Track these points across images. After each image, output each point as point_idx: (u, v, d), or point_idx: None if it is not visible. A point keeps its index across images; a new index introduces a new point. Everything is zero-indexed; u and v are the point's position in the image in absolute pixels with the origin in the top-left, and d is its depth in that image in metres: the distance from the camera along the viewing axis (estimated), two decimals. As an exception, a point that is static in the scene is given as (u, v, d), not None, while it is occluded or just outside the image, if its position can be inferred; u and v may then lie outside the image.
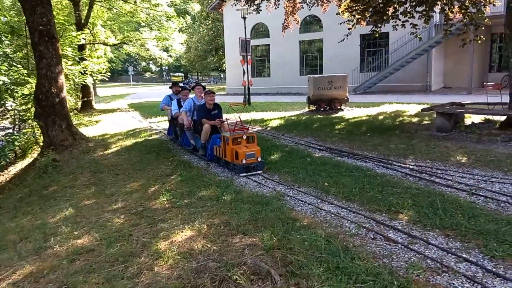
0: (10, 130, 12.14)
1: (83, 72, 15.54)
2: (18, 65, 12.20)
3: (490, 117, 9.13)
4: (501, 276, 2.95)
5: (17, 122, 12.72)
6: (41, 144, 10.92)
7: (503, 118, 8.56)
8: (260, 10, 12.91)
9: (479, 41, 10.93)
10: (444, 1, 10.22)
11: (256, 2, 12.74)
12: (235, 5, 16.02)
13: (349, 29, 11.23)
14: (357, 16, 11.21)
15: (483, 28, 11.19)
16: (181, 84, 11.57)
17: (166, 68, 66.15)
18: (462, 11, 10.35)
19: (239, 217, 4.39)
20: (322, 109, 14.16)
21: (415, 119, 11.12)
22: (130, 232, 4.28)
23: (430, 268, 3.12)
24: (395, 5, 10.36)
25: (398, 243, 3.60)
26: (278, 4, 13.33)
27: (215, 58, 42.47)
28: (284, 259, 3.35)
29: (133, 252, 3.76)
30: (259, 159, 6.33)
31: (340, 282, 2.91)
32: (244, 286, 3.01)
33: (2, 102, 11.67)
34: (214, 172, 6.72)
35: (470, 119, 9.55)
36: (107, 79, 20.23)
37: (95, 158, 8.98)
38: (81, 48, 18.27)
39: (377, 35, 11.44)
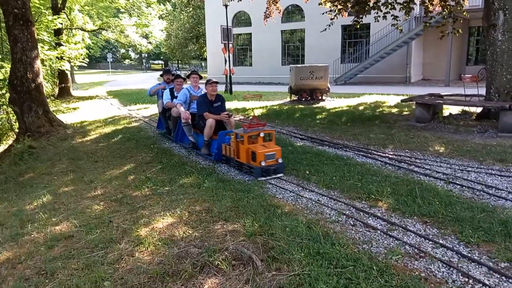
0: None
1: (60, 58, 15.15)
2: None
3: (467, 108, 9.35)
4: (476, 261, 3.04)
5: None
6: (17, 130, 10.63)
7: (479, 109, 8.78)
8: (243, -2, 12.79)
9: (457, 34, 11.14)
10: (425, -7, 10.35)
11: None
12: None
13: (331, 19, 11.27)
14: (339, 7, 11.26)
15: (461, 21, 11.40)
16: (174, 72, 10.22)
17: (146, 55, 65.02)
18: (442, 3, 10.51)
19: (221, 204, 4.39)
20: (303, 99, 14.21)
21: (394, 110, 11.28)
22: (110, 219, 4.23)
23: (408, 254, 3.19)
24: (377, -4, 10.43)
25: (377, 229, 3.67)
26: (261, -8, 13.23)
27: (196, 46, 41.93)
28: (265, 244, 3.37)
29: (113, 238, 3.71)
30: (280, 161, 5.41)
31: (321, 267, 2.95)
32: (226, 271, 3.02)
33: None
34: (196, 160, 6.68)
35: (448, 110, 9.75)
36: (86, 65, 19.77)
37: (74, 145, 8.81)
38: (58, 33, 17.79)
39: (358, 26, 11.53)
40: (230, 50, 19.20)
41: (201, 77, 7.55)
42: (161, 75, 9.23)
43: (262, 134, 5.58)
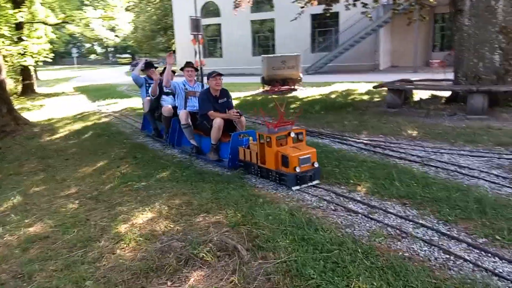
0: None
1: (22, 53, 14.52)
2: None
3: (436, 92, 9.58)
4: (455, 238, 3.12)
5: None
6: (-21, 130, 10.14)
7: (448, 93, 9.02)
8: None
9: (423, 20, 11.39)
10: (392, -20, 10.50)
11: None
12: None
13: (301, 7, 11.27)
14: (309, -5, 11.27)
15: (428, 8, 11.64)
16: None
17: (113, 49, 63.38)
18: (409, -10, 10.69)
19: (201, 197, 4.34)
20: (276, 89, 14.22)
21: (365, 97, 11.46)
22: (87, 217, 4.10)
23: (391, 235, 3.25)
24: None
25: (358, 213, 3.71)
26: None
27: (164, 39, 41.25)
28: (250, 234, 3.35)
29: (92, 236, 3.60)
30: (316, 165, 4.53)
31: (307, 252, 2.96)
32: (211, 263, 2.98)
33: None
34: (171, 153, 6.57)
35: (418, 95, 9.97)
36: (51, 60, 19.04)
37: (42, 144, 8.48)
38: (19, 27, 17.02)
39: (328, 14, 11.59)
40: (200, 42, 18.93)
41: (196, 70, 6.72)
42: (142, 70, 7.93)
43: (292, 134, 4.66)
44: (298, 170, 4.37)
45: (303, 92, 13.59)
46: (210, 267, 2.94)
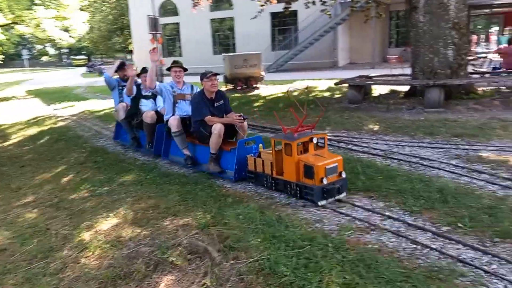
0: None
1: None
2: None
3: (395, 87, 9.88)
4: (421, 228, 3.21)
5: None
6: None
7: (406, 88, 9.32)
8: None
9: (380, 17, 11.71)
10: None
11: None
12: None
13: (261, 5, 11.29)
14: (268, -7, 11.31)
15: (384, 5, 11.98)
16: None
17: (67, 50, 61.04)
18: (365, -12, 10.95)
19: (168, 199, 4.23)
20: (239, 88, 14.19)
21: (327, 94, 11.65)
22: (47, 226, 3.89)
23: (360, 228, 3.29)
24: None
25: (326, 208, 3.74)
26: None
27: (121, 39, 40.20)
28: (220, 235, 3.30)
29: (54, 246, 3.42)
30: (343, 175, 3.96)
31: (279, 249, 2.95)
32: (182, 267, 2.91)
33: None
34: (134, 156, 6.39)
35: (377, 90, 10.24)
36: (1, 62, 18.07)
37: (-6, 151, 8.02)
38: (-37, 28, 16.03)
39: (287, 13, 11.68)
40: (159, 41, 18.58)
41: (185, 70, 5.80)
42: (116, 71, 6.92)
43: (315, 140, 4.06)
44: (325, 182, 3.77)
45: (266, 90, 13.63)
46: (180, 271, 2.87)
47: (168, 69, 5.72)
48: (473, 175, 4.30)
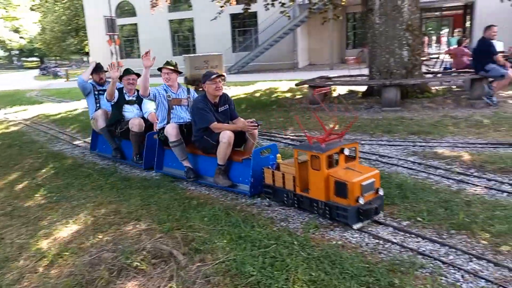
0: None
1: None
2: None
3: (353, 88, 10.15)
4: (382, 223, 3.31)
5: None
6: None
7: (364, 88, 9.60)
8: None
9: (337, 19, 12.01)
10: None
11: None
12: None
13: (221, 6, 11.27)
14: (228, -5, 11.31)
15: (340, 7, 12.27)
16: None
17: (17, 52, 58.21)
18: (323, -10, 11.19)
19: (130, 204, 4.13)
20: (200, 89, 14.06)
21: (288, 94, 11.78)
22: (1, 236, 3.69)
23: (323, 225, 3.35)
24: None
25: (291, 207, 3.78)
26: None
27: (76, 40, 38.83)
28: (185, 238, 3.26)
29: (9, 256, 3.25)
30: (380, 192, 3.40)
31: (245, 250, 2.95)
32: (146, 271, 2.84)
33: None
34: (93, 160, 6.19)
35: (337, 91, 10.48)
36: None
37: None
38: None
39: (246, 14, 11.73)
40: (116, 42, 18.15)
41: (179, 73, 5.25)
42: (91, 74, 6.21)
43: (347, 151, 3.48)
44: (361, 201, 3.21)
45: (228, 92, 13.59)
46: (145, 275, 2.80)
47: (159, 69, 5.16)
48: (430, 171, 4.49)
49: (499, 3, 10.57)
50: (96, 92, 6.21)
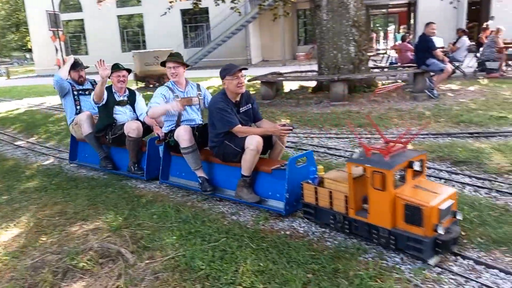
0: None
1: None
2: None
3: (304, 83, 10.35)
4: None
5: None
6: None
7: (314, 83, 9.82)
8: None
9: (287, 16, 12.17)
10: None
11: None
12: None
13: (170, 1, 11.10)
14: (177, -10, 11.16)
15: (290, 4, 12.45)
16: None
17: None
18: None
19: (76, 204, 4.01)
20: (151, 86, 13.81)
21: (241, 90, 11.80)
22: None
23: (273, 217, 3.42)
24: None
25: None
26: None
27: (17, 36, 36.77)
28: (134, 236, 3.21)
29: None
30: (459, 216, 2.72)
31: (195, 245, 2.95)
32: (94, 271, 2.78)
33: None
34: (37, 160, 5.92)
35: (288, 86, 10.65)
36: None
37: None
38: None
39: (196, 9, 11.62)
40: (60, 38, 17.36)
41: (187, 66, 4.43)
42: (70, 72, 5.38)
43: (416, 166, 2.69)
44: (440, 230, 2.50)
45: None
46: (92, 275, 2.74)
47: (162, 64, 4.31)
48: (374, 161, 4.68)
49: (440, 2, 11.17)
50: (76, 93, 5.34)
